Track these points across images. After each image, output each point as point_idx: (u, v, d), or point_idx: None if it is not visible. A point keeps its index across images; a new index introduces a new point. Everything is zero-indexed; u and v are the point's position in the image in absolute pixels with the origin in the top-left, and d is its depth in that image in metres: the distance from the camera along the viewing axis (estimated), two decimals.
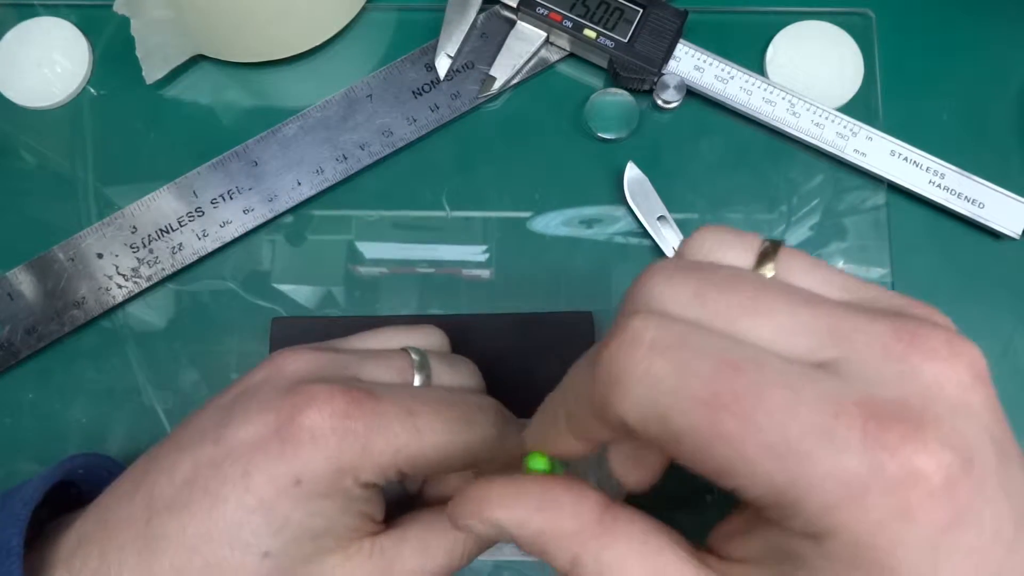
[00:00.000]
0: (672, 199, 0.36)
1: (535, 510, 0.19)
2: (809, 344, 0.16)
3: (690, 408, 0.15)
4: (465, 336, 0.35)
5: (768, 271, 0.18)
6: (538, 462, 0.21)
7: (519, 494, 0.19)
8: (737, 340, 0.16)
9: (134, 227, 0.36)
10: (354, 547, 0.24)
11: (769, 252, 0.18)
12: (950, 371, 0.16)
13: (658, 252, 0.36)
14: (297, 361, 0.25)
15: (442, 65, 0.37)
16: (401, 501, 0.28)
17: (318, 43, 0.38)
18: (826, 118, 0.36)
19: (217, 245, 0.36)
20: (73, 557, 0.23)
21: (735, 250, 0.18)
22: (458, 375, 0.28)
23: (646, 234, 0.36)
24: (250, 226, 0.36)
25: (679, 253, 0.19)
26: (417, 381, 0.27)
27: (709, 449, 0.16)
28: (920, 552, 0.15)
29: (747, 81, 0.36)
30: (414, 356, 0.27)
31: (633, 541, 0.18)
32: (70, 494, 0.28)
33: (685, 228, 0.36)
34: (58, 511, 0.26)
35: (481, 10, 0.38)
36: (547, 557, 0.19)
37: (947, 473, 0.15)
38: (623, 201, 0.36)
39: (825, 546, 0.15)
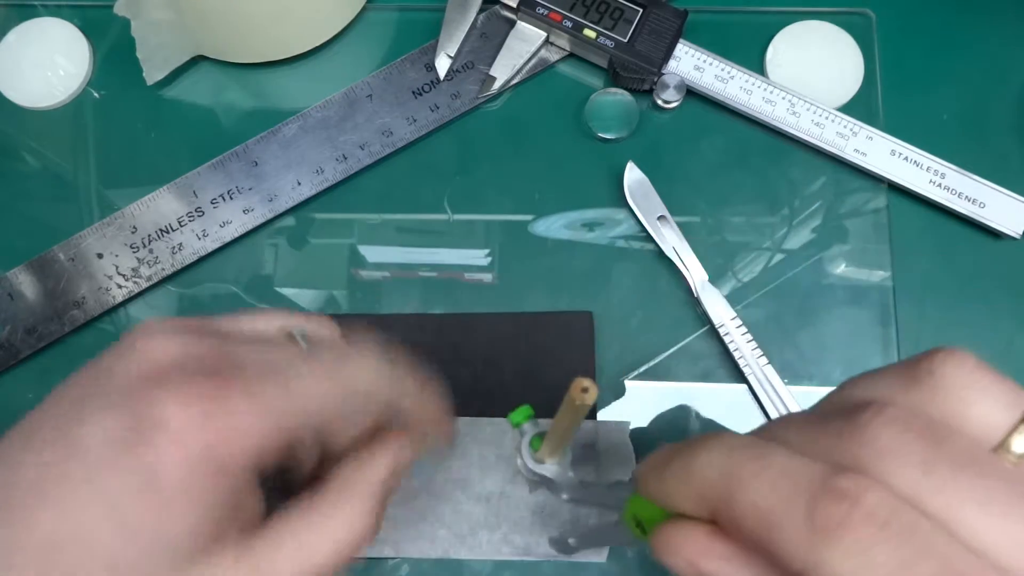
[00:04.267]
0: (672, 199, 0.36)
1: None
2: None
3: None
4: (465, 336, 0.35)
5: None
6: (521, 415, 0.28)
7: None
8: (956, 538, 0.14)
9: (134, 227, 0.36)
10: (217, 549, 0.21)
11: None
12: None
13: (659, 253, 0.36)
14: (162, 345, 0.22)
15: (442, 65, 0.37)
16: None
17: (318, 43, 0.38)
18: (826, 118, 0.36)
19: (217, 245, 0.36)
20: None
21: (986, 403, 0.16)
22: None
23: (648, 237, 0.36)
24: (250, 226, 0.36)
25: (915, 372, 0.16)
26: None
27: None
28: None
29: (747, 81, 0.36)
30: (302, 344, 0.25)
31: None
32: None
33: (686, 229, 0.36)
34: None
35: (481, 10, 0.38)
36: None
37: None
38: (623, 202, 0.36)
39: None
